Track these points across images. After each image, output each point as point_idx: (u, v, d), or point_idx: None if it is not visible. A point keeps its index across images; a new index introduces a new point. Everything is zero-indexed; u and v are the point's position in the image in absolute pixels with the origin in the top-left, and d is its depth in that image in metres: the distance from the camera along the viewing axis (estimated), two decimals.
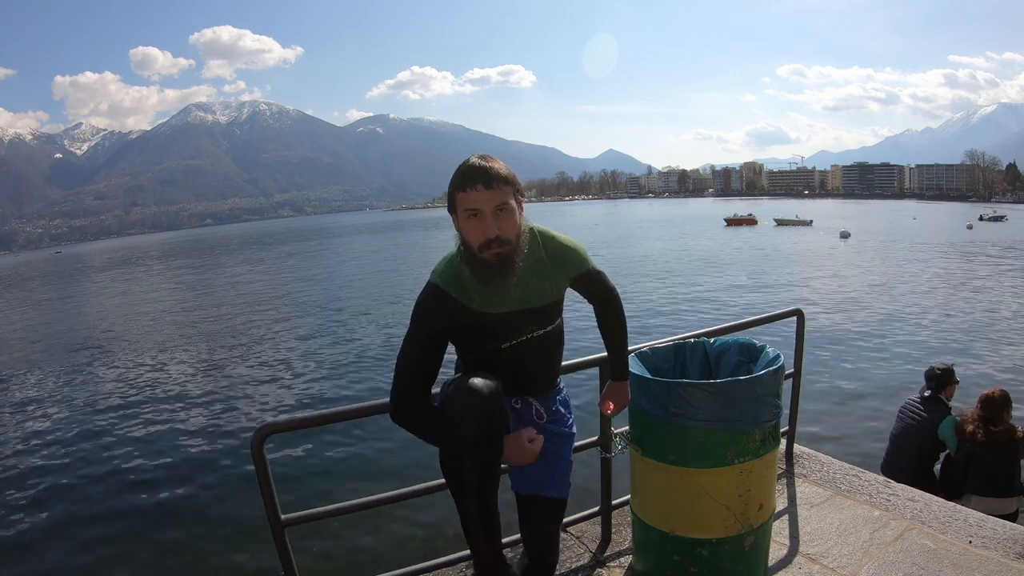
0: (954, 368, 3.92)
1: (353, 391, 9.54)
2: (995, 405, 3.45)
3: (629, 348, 2.16)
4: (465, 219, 1.35)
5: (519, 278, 1.41)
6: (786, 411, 2.69)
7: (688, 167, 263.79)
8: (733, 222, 52.68)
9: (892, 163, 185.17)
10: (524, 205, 1.44)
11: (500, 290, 1.40)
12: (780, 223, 51.21)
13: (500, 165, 1.36)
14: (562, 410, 1.66)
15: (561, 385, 1.69)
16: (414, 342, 1.42)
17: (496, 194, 1.33)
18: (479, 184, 1.32)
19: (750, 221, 52.36)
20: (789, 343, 2.88)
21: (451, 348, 1.52)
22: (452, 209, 1.39)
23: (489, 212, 1.33)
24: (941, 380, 3.83)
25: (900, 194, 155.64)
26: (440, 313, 1.40)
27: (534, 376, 1.58)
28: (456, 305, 1.40)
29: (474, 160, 1.36)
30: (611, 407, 1.80)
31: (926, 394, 3.86)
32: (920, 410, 3.82)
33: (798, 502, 2.64)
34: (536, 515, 1.63)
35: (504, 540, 1.71)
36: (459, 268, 1.41)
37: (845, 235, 36.76)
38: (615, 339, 1.74)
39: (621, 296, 1.72)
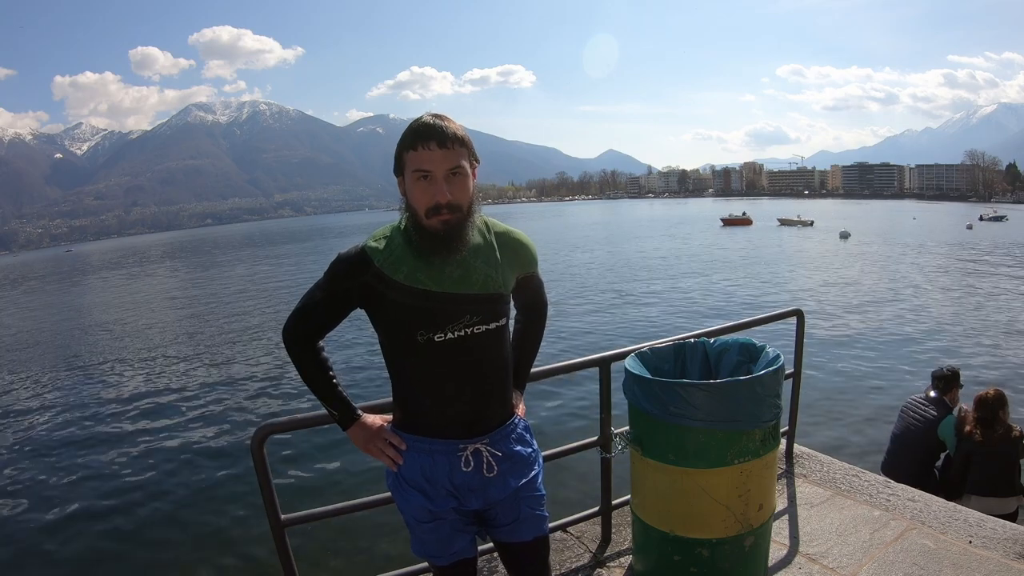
0: (959, 371, 3.92)
1: (353, 391, 9.50)
2: (989, 406, 3.45)
3: (630, 348, 2.18)
4: (413, 181, 1.22)
5: (461, 258, 1.27)
6: (786, 411, 2.69)
7: (688, 167, 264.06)
8: (729, 222, 52.70)
9: (892, 163, 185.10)
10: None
11: (437, 266, 1.25)
12: (783, 223, 51.38)
13: (456, 125, 1.23)
14: (523, 450, 1.42)
15: (517, 418, 1.44)
16: (319, 291, 1.31)
17: (450, 155, 1.20)
18: (432, 143, 1.19)
19: (745, 221, 52.54)
20: (789, 343, 2.88)
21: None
22: (399, 170, 1.26)
23: (441, 175, 1.20)
24: (948, 381, 3.83)
25: (900, 194, 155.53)
26: (351, 280, 1.27)
27: (485, 396, 1.35)
28: (375, 273, 1.25)
29: (427, 117, 1.22)
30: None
31: (931, 394, 3.86)
32: (922, 410, 3.82)
33: (798, 502, 2.64)
34: (520, 560, 1.48)
35: (481, 548, 1.65)
36: (395, 235, 1.28)
37: (845, 235, 36.73)
38: (532, 352, 1.59)
39: (623, 296, 1.66)
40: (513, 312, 1.47)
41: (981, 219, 55.60)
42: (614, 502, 2.41)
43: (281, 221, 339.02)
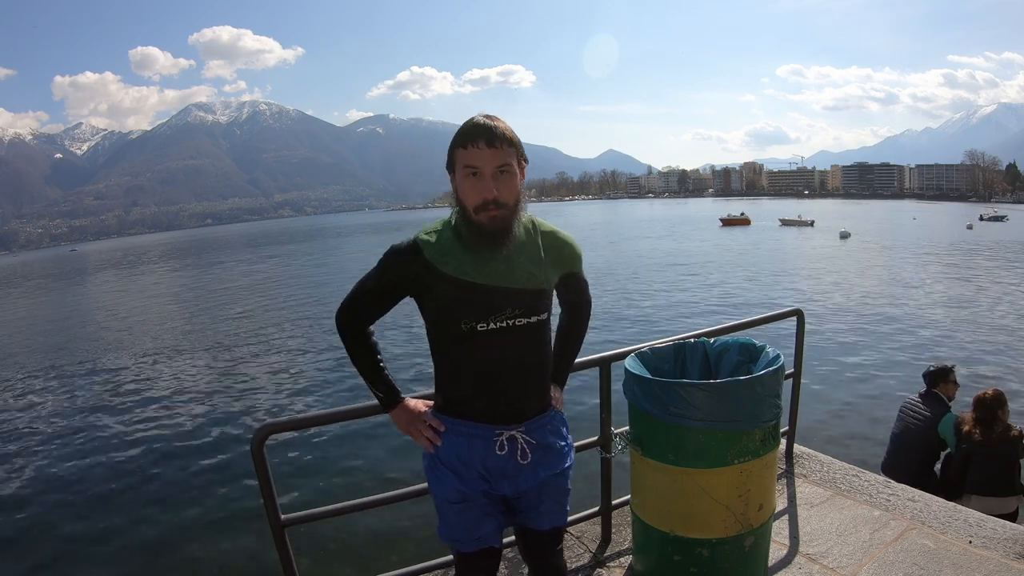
0: (953, 368, 3.93)
1: (353, 391, 9.54)
2: (987, 406, 3.45)
3: (630, 348, 2.17)
4: (464, 178, 1.29)
5: (506, 253, 1.32)
6: (786, 411, 2.68)
7: (688, 167, 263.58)
8: (728, 222, 53.03)
9: (892, 163, 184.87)
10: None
11: (483, 260, 1.31)
12: (785, 223, 51.59)
13: (505, 125, 1.30)
14: (556, 443, 1.47)
15: (554, 411, 1.49)
16: (371, 279, 1.38)
17: (499, 154, 1.27)
18: (482, 141, 1.26)
19: (743, 221, 53.16)
20: (789, 343, 2.88)
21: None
22: (451, 167, 1.33)
23: (489, 172, 1.27)
24: (935, 376, 3.84)
25: (900, 194, 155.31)
26: (403, 268, 1.34)
27: (524, 385, 1.40)
28: (424, 264, 1.32)
29: (479, 118, 1.30)
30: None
31: (922, 391, 3.88)
32: (920, 408, 3.83)
33: (798, 502, 2.64)
34: (532, 546, 1.55)
35: (505, 540, 1.68)
36: (445, 230, 1.35)
37: (845, 235, 36.76)
38: (573, 349, 1.64)
39: (623, 296, 1.66)
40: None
41: (981, 219, 55.59)
42: (614, 502, 2.40)
43: (281, 221, 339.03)
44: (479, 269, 1.32)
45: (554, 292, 1.45)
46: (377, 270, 1.38)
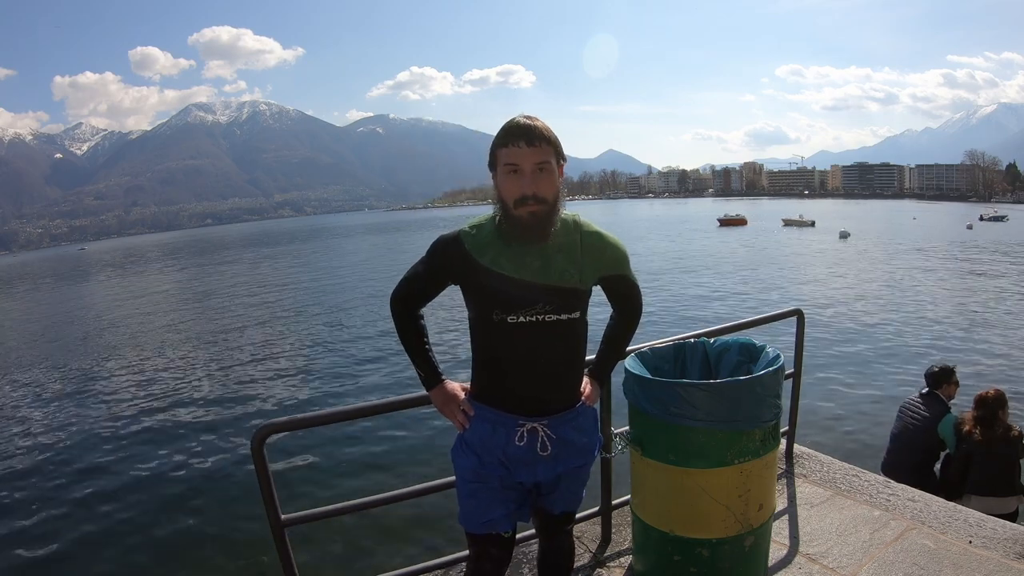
0: (955, 369, 3.93)
1: (353, 391, 9.55)
2: (989, 405, 3.45)
3: (630, 348, 2.16)
4: (504, 175, 1.36)
5: (543, 251, 1.39)
6: (786, 411, 2.68)
7: (688, 167, 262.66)
8: (726, 222, 53.34)
9: (892, 163, 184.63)
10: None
11: (519, 254, 1.38)
12: (787, 223, 51.76)
13: (544, 125, 1.36)
14: (579, 439, 1.51)
15: (582, 406, 1.53)
16: (421, 265, 1.47)
17: (537, 152, 1.33)
18: (521, 141, 1.33)
19: (740, 221, 53.75)
20: (789, 343, 2.88)
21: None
22: (492, 165, 1.39)
23: (529, 169, 1.33)
24: (938, 378, 3.84)
25: (900, 194, 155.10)
26: (446, 258, 1.43)
27: (549, 380, 1.45)
28: (464, 255, 1.40)
29: (519, 118, 1.36)
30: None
31: (923, 391, 3.87)
32: (920, 408, 3.82)
33: (798, 502, 2.64)
34: (545, 523, 1.63)
35: (519, 536, 1.73)
36: (487, 224, 1.42)
37: (844, 235, 36.77)
38: (614, 344, 1.68)
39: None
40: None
41: (981, 219, 55.58)
42: (614, 502, 2.41)
43: (281, 221, 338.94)
44: (514, 263, 1.38)
45: (591, 292, 1.49)
46: (425, 258, 1.46)
